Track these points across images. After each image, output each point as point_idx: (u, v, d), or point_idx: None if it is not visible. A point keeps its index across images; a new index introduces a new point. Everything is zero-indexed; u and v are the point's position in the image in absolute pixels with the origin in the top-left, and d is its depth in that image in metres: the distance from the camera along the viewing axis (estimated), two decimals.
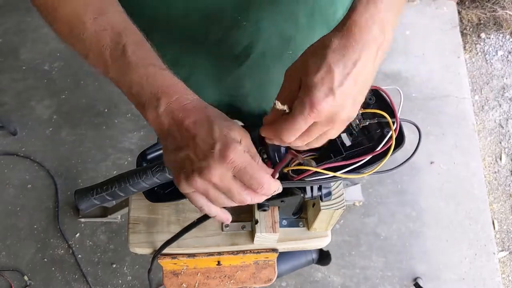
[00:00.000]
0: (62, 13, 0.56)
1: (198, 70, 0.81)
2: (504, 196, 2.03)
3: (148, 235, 0.86)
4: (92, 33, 0.55)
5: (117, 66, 0.54)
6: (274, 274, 0.93)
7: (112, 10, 0.56)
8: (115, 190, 0.65)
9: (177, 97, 0.51)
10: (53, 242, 1.75)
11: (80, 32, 0.55)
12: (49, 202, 1.81)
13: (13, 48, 2.08)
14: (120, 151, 1.91)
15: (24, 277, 1.69)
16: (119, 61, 0.54)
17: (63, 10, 0.56)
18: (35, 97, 1.99)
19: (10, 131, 1.87)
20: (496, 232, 1.95)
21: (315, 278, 1.77)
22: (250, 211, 0.87)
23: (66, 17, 0.56)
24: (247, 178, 0.49)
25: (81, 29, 0.55)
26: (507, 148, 2.11)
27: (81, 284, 1.71)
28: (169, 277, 0.91)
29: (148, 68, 0.53)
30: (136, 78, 0.53)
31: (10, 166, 1.86)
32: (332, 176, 0.56)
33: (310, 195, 0.69)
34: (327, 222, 0.83)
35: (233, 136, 0.49)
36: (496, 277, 1.85)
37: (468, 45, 2.31)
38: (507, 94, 2.20)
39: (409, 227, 1.89)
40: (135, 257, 1.75)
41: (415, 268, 1.83)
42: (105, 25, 0.55)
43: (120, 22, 0.56)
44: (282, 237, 0.86)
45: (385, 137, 0.58)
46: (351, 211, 1.88)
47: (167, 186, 0.74)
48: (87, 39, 0.55)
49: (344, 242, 1.83)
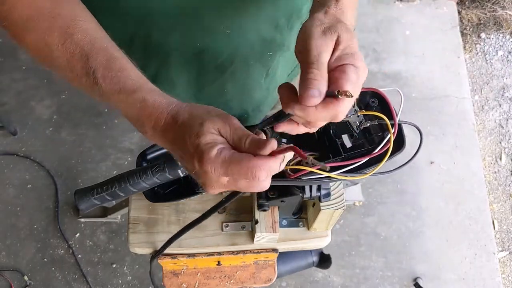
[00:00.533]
0: (29, 41, 0.55)
1: (179, 85, 0.80)
2: (504, 196, 2.03)
3: (148, 235, 0.86)
4: (63, 61, 0.54)
5: (94, 93, 0.54)
6: (274, 274, 0.93)
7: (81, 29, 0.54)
8: (115, 190, 0.65)
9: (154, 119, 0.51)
10: (53, 242, 1.75)
11: (52, 59, 0.55)
12: (49, 202, 1.81)
13: (13, 48, 2.08)
14: (120, 151, 1.91)
15: (24, 277, 1.69)
16: (93, 88, 0.53)
17: (29, 38, 0.55)
18: (35, 97, 1.99)
19: (10, 131, 1.87)
20: (496, 232, 1.95)
21: (315, 278, 1.77)
22: (250, 211, 0.87)
23: (35, 45, 0.55)
24: (238, 174, 0.47)
25: (51, 56, 0.54)
26: (507, 148, 2.11)
27: (81, 284, 1.71)
28: (169, 277, 0.91)
29: (120, 96, 0.52)
30: (113, 104, 0.54)
31: (10, 166, 1.86)
32: (326, 176, 0.56)
33: (309, 195, 0.69)
34: (327, 222, 0.83)
35: (203, 143, 0.47)
36: (496, 277, 1.85)
37: (468, 45, 2.31)
38: (507, 94, 2.20)
39: (409, 227, 1.89)
40: (135, 257, 1.75)
41: (415, 268, 1.83)
42: (73, 49, 0.53)
43: (87, 42, 0.54)
44: (282, 237, 0.86)
45: (384, 139, 0.58)
46: (351, 211, 1.88)
47: (167, 186, 0.74)
48: (59, 66, 0.55)
49: (344, 242, 1.83)
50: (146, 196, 0.73)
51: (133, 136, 1.94)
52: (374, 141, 0.60)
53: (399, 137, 0.59)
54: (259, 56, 0.78)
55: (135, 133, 1.94)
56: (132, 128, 2.10)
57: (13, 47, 2.08)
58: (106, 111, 1.98)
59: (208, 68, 0.78)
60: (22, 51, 2.07)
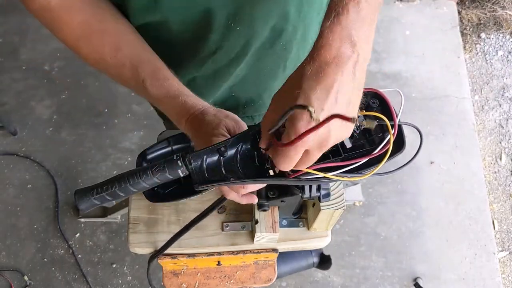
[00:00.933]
0: (85, 53, 0.67)
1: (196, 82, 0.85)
2: (504, 196, 2.03)
3: (148, 235, 0.86)
4: (116, 70, 0.67)
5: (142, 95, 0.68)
6: (274, 274, 0.92)
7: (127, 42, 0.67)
8: (115, 190, 0.65)
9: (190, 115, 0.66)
10: (53, 242, 1.76)
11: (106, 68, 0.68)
12: (49, 202, 1.81)
13: (13, 48, 2.08)
14: (120, 151, 1.91)
15: (24, 277, 1.69)
16: (143, 92, 0.67)
17: (85, 51, 0.67)
18: (35, 97, 1.99)
19: (10, 131, 1.88)
20: (496, 232, 1.95)
21: (315, 278, 1.77)
22: (250, 211, 0.87)
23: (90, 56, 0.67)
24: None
25: (105, 65, 0.67)
26: (507, 148, 2.11)
27: (81, 284, 1.71)
28: (169, 277, 0.91)
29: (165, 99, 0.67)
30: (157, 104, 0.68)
31: (10, 166, 1.86)
32: (322, 176, 0.56)
33: (308, 195, 0.69)
34: (327, 222, 0.83)
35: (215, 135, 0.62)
36: (496, 277, 1.85)
37: (468, 45, 2.31)
38: (507, 94, 2.20)
39: (409, 227, 1.89)
40: (135, 257, 1.75)
41: (415, 268, 1.83)
42: (123, 60, 0.66)
43: (135, 55, 0.67)
44: (282, 237, 0.86)
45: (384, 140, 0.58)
46: (351, 211, 1.88)
47: (167, 186, 0.74)
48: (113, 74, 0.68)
49: (344, 242, 1.83)
50: (146, 196, 0.73)
51: (133, 136, 1.94)
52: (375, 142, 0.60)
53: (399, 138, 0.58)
54: (270, 45, 0.80)
55: (135, 133, 1.94)
56: (132, 128, 2.08)
57: (13, 47, 2.08)
58: (106, 111, 1.98)
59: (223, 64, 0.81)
60: (22, 51, 2.07)
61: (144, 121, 1.97)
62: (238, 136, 0.62)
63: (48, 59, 2.06)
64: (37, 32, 2.11)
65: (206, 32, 0.72)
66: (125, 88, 0.75)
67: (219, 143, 0.61)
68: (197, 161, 0.61)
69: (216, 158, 0.62)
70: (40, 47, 2.09)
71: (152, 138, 1.92)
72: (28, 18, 2.14)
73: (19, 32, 2.11)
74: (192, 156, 0.60)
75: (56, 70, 2.05)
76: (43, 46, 2.09)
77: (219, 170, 0.62)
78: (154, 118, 1.98)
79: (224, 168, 0.62)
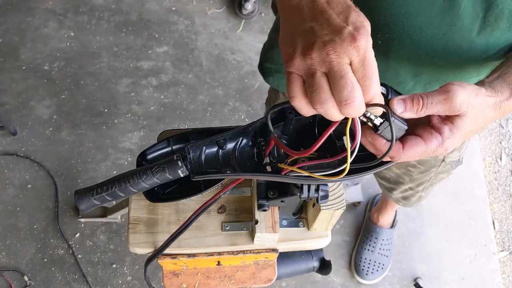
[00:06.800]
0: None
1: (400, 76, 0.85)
2: (504, 196, 2.03)
3: (148, 235, 0.86)
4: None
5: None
6: (274, 274, 0.92)
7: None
8: (115, 190, 0.65)
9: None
10: (53, 242, 1.76)
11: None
12: (49, 202, 1.81)
13: (13, 48, 2.08)
14: (120, 151, 1.91)
15: (24, 277, 1.69)
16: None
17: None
18: (35, 97, 1.99)
19: (10, 131, 1.87)
20: (496, 232, 1.95)
21: (315, 278, 1.77)
22: (250, 211, 0.88)
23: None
24: (363, 69, 0.46)
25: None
26: (507, 148, 2.11)
27: (81, 284, 1.71)
28: (169, 277, 0.91)
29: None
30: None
31: (10, 166, 1.86)
32: (307, 176, 0.56)
33: (306, 195, 0.69)
34: (327, 222, 0.83)
35: (366, 26, 0.47)
36: (496, 277, 1.85)
37: None
38: None
39: (409, 227, 1.89)
40: (135, 257, 1.75)
41: (415, 268, 1.83)
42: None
43: None
44: (282, 237, 0.86)
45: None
46: (351, 211, 1.88)
47: (167, 186, 0.74)
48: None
49: (344, 242, 1.83)
50: (146, 196, 0.73)
51: (133, 136, 1.94)
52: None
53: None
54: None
55: (135, 133, 1.94)
56: (132, 128, 2.08)
57: (13, 47, 2.08)
58: (106, 111, 1.98)
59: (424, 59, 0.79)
60: (22, 51, 2.07)
61: (144, 121, 1.97)
62: (238, 131, 0.62)
63: (48, 59, 2.06)
64: (36, 32, 2.11)
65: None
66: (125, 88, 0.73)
67: (218, 135, 0.61)
68: (196, 152, 0.61)
69: (215, 150, 0.62)
70: (40, 47, 2.09)
71: (152, 138, 1.92)
72: (28, 18, 2.14)
73: (19, 32, 2.11)
74: (191, 146, 0.61)
75: (55, 70, 2.05)
76: (42, 46, 2.09)
77: (217, 163, 0.62)
78: (154, 118, 1.99)
79: (222, 161, 0.63)
